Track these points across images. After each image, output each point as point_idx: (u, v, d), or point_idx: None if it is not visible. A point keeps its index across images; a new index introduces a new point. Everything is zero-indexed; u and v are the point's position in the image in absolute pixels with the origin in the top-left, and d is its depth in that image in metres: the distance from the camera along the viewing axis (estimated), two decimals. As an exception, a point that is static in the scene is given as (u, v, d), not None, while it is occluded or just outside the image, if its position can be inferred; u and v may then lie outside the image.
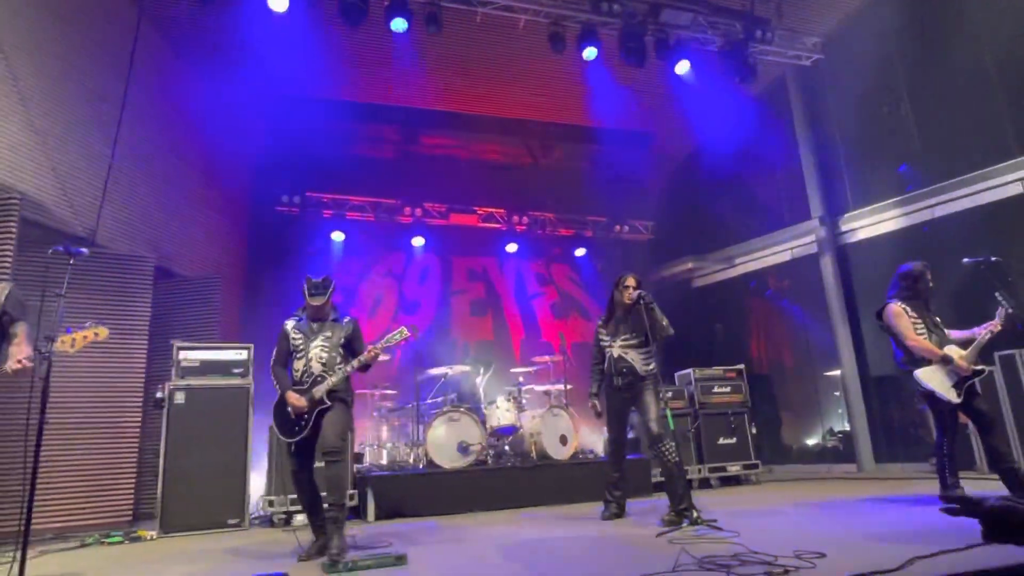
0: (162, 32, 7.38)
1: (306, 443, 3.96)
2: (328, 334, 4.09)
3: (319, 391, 3.91)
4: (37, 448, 3.25)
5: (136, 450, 5.97)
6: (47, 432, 3.30)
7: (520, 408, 7.05)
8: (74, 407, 5.62)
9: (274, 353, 4.16)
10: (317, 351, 4.02)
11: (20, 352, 3.37)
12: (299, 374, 4.02)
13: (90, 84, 6.28)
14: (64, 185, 5.88)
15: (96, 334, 3.54)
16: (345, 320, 4.21)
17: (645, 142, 10.84)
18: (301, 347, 4.06)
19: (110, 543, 4.89)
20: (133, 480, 5.91)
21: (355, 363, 3.99)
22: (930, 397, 4.54)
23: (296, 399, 3.91)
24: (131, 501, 5.86)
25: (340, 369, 3.98)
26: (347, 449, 5.31)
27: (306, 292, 4.09)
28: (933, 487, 4.71)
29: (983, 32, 7.09)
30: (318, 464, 3.98)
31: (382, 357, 4.24)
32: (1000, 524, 3.28)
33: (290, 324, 4.18)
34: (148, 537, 5.06)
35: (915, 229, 7.89)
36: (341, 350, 4.09)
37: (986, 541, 3.52)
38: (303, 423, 3.92)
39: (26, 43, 5.59)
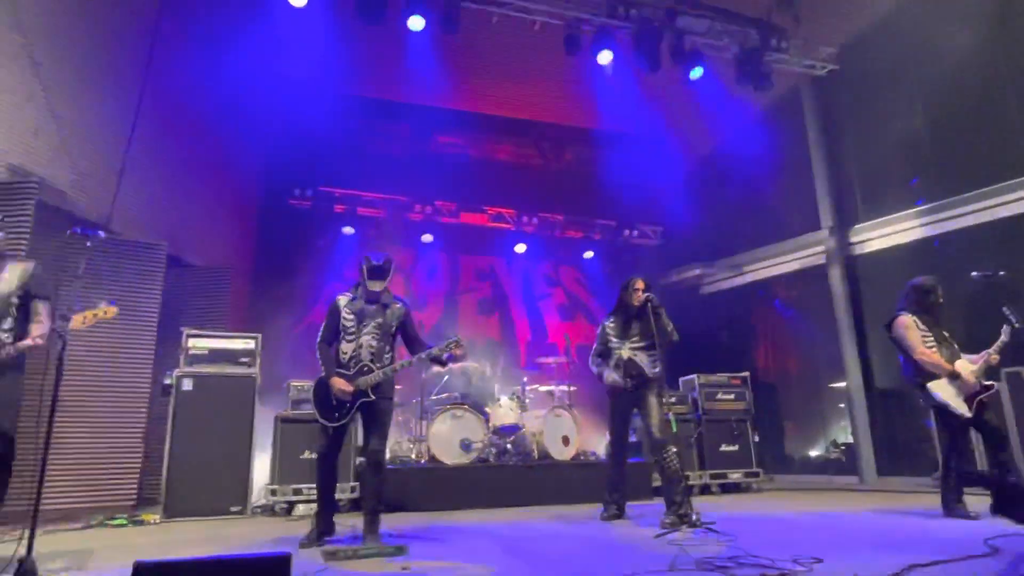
0: (181, 23, 7.46)
1: (340, 429, 3.90)
2: (380, 320, 3.97)
3: (366, 382, 3.82)
4: (49, 427, 3.30)
5: (143, 435, 6.04)
6: (56, 413, 3.36)
7: (524, 407, 7.08)
8: (83, 389, 5.69)
9: (322, 329, 3.99)
10: (368, 338, 3.90)
11: (36, 330, 3.37)
12: (346, 357, 3.89)
13: (110, 73, 6.38)
14: (80, 171, 5.96)
15: (105, 312, 3.50)
16: (398, 305, 4.09)
17: (657, 147, 10.86)
18: (352, 330, 3.92)
19: (115, 526, 4.96)
20: (139, 464, 5.97)
21: (423, 356, 3.96)
22: (942, 411, 4.51)
23: (344, 385, 3.79)
24: (136, 485, 5.93)
25: (389, 365, 3.90)
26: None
27: (365, 273, 3.96)
28: (934, 501, 4.70)
29: (998, 49, 7.07)
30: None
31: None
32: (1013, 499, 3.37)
33: (343, 300, 4.02)
34: (152, 521, 5.13)
35: (926, 243, 7.87)
36: (391, 339, 4.01)
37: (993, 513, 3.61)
38: (345, 410, 3.84)
39: (49, 31, 5.69)
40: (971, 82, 7.36)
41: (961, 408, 4.42)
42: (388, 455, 7.15)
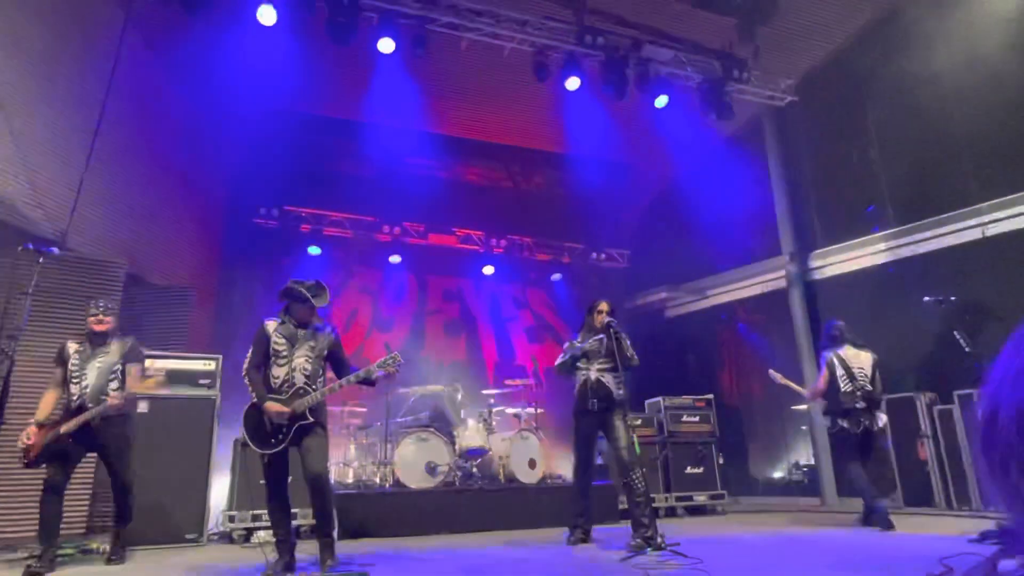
0: (147, 40, 7.37)
1: (280, 456, 3.80)
2: (312, 343, 3.90)
3: (302, 405, 3.72)
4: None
5: (95, 459, 5.80)
6: (0, 437, 3.22)
7: (490, 430, 7.03)
8: (31, 413, 5.45)
9: (249, 355, 3.89)
10: (302, 361, 3.83)
11: (125, 390, 4.33)
12: (278, 382, 3.79)
13: (71, 87, 6.24)
14: (37, 186, 5.80)
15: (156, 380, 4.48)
16: (328, 330, 4.02)
17: (624, 172, 11.04)
18: (284, 353, 3.84)
19: (62, 555, 4.72)
20: (89, 490, 5.72)
21: (352, 378, 3.89)
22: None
23: (278, 408, 3.68)
24: (86, 512, 5.67)
25: (322, 385, 3.86)
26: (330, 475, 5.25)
27: (295, 298, 3.88)
28: (892, 521, 4.80)
29: (948, 82, 7.41)
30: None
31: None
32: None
33: (271, 325, 3.93)
34: (100, 550, 4.91)
35: (881, 268, 8.13)
36: (323, 363, 3.96)
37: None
38: (280, 436, 3.73)
39: (7, 45, 5.55)
40: (924, 113, 7.69)
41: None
42: (351, 479, 7.04)
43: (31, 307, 3.42)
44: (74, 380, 4.29)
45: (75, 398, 4.25)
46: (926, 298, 5.23)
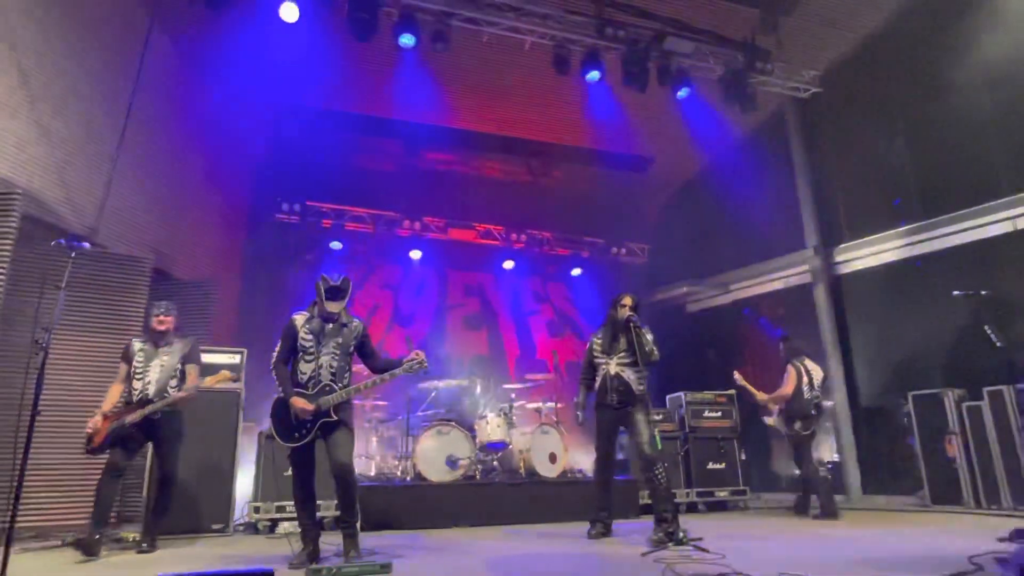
0: (172, 38, 7.47)
1: (306, 448, 3.86)
2: (339, 339, 3.94)
3: (327, 402, 3.78)
4: (28, 442, 3.25)
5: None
6: (35, 429, 3.30)
7: (511, 424, 7.04)
8: (63, 404, 5.59)
9: (277, 349, 3.94)
10: (328, 358, 3.88)
11: (190, 383, 4.65)
12: (305, 378, 3.84)
13: (99, 86, 6.35)
14: (66, 183, 5.92)
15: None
16: (356, 322, 4.05)
17: (644, 166, 10.96)
18: (312, 349, 3.88)
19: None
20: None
21: (377, 380, 3.98)
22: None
23: (304, 404, 3.74)
24: (117, 503, 5.79)
25: (348, 383, 3.91)
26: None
27: (323, 293, 3.89)
28: (919, 520, 4.74)
29: (978, 72, 7.24)
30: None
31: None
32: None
33: (300, 320, 3.97)
34: (130, 539, 5.01)
35: (908, 262, 7.99)
36: (349, 358, 3.99)
37: None
38: (305, 430, 3.79)
39: (38, 44, 5.67)
40: (953, 103, 7.52)
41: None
42: (373, 472, 7.11)
43: (63, 301, 3.49)
44: (137, 376, 4.57)
45: (137, 393, 4.53)
46: (956, 292, 5.12)
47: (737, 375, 6.71)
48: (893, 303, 8.05)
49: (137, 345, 4.69)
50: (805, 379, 6.29)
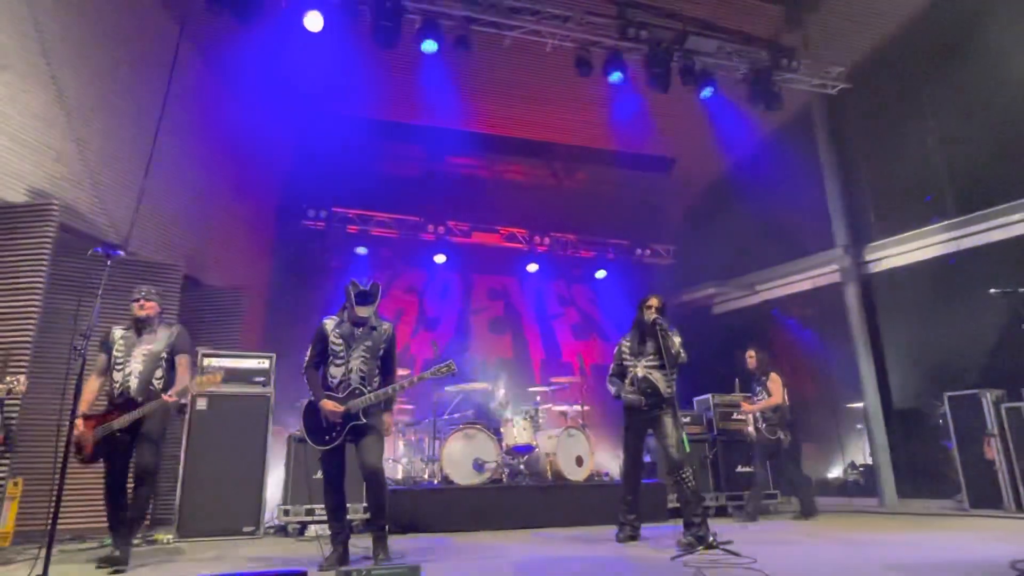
0: (200, 50, 7.63)
1: (337, 452, 3.91)
2: (369, 343, 3.98)
3: (356, 406, 3.82)
4: (67, 447, 3.33)
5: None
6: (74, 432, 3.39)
7: (537, 427, 7.03)
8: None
9: (308, 353, 3.99)
10: (358, 363, 3.92)
11: (178, 384, 4.10)
12: (335, 382, 3.90)
13: (131, 98, 6.51)
14: (100, 194, 6.07)
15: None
16: (384, 326, 4.09)
17: (668, 167, 10.89)
18: (342, 354, 3.93)
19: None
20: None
21: (404, 383, 4.04)
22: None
23: (334, 407, 3.80)
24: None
25: (375, 389, 3.92)
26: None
27: (352, 299, 3.94)
28: (957, 524, 4.61)
29: (1012, 65, 7.06)
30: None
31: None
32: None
33: (330, 324, 4.02)
34: (165, 541, 5.12)
35: (942, 260, 7.81)
36: (378, 361, 4.02)
37: None
38: (335, 433, 3.84)
39: (73, 59, 5.83)
40: (985, 97, 7.34)
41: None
42: (400, 475, 7.15)
43: (99, 307, 3.58)
44: (118, 367, 4.09)
45: (118, 386, 4.05)
46: (992, 290, 4.98)
47: (744, 406, 6.95)
48: (926, 302, 7.87)
49: (118, 332, 4.19)
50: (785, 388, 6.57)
